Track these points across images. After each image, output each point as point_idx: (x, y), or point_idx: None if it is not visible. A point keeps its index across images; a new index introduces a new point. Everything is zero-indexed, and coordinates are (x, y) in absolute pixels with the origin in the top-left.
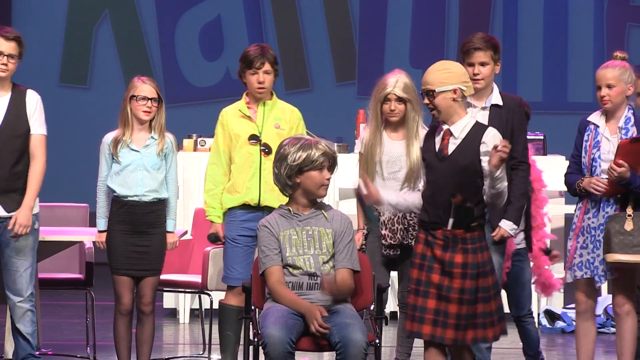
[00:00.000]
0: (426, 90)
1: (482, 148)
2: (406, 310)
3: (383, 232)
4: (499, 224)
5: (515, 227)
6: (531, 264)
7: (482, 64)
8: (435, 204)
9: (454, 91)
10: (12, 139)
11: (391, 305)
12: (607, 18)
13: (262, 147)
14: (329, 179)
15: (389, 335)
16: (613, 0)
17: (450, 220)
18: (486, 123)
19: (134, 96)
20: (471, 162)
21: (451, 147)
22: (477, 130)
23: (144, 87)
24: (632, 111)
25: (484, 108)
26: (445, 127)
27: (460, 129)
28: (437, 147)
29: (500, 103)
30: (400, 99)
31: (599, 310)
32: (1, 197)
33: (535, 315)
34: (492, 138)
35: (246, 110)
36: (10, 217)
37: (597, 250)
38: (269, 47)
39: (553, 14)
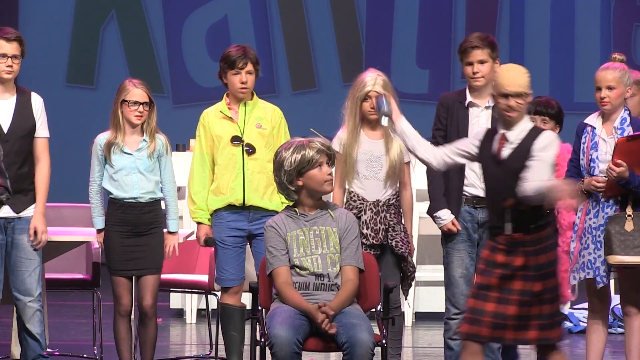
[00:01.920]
0: (520, 93)
1: (533, 154)
2: (464, 313)
3: (365, 231)
4: None
5: None
6: None
7: (481, 62)
8: (494, 209)
9: (529, 96)
10: (20, 141)
11: None
12: (613, 18)
13: (245, 148)
14: (330, 174)
15: None
16: (620, 1)
17: (508, 225)
18: (489, 123)
19: (126, 101)
20: (524, 166)
21: (506, 152)
22: (532, 134)
23: (136, 92)
24: (628, 112)
25: (487, 107)
26: (501, 131)
27: (516, 133)
28: (493, 151)
29: None
30: None
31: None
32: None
33: None
34: (541, 144)
35: (227, 111)
36: (17, 218)
37: (598, 251)
38: (250, 47)
39: (560, 13)
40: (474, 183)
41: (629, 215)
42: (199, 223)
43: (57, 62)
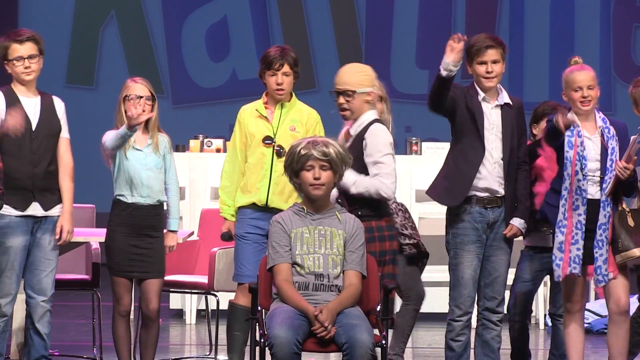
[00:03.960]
0: (343, 90)
1: (365, 147)
2: None
3: (406, 232)
4: (511, 221)
5: (526, 225)
6: None
7: (495, 62)
8: None
9: (369, 94)
10: (48, 139)
11: None
12: (613, 19)
13: (276, 149)
14: (317, 179)
15: None
16: (620, 1)
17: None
18: (500, 120)
19: (127, 96)
20: (357, 158)
21: (347, 145)
22: (366, 127)
23: (136, 87)
24: (600, 112)
25: (497, 106)
26: (346, 127)
27: (356, 127)
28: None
29: (511, 102)
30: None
31: (606, 311)
32: (39, 195)
33: (541, 316)
34: (370, 136)
35: (263, 111)
36: (45, 217)
37: (600, 250)
38: (290, 49)
39: (559, 14)
40: (487, 177)
41: (628, 212)
42: (224, 218)
43: (56, 63)
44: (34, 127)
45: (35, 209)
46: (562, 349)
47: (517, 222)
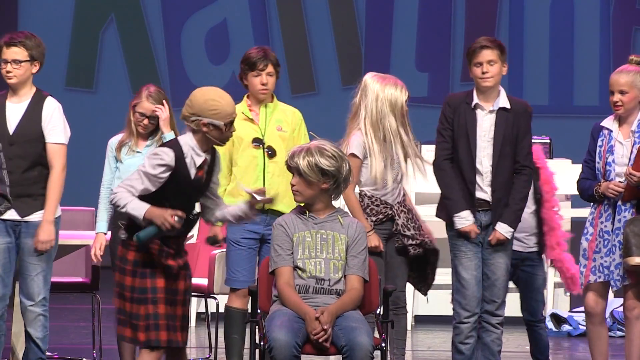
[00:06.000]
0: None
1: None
2: (133, 320)
3: (408, 232)
4: (495, 227)
5: (512, 230)
6: (546, 267)
7: (490, 63)
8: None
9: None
10: (26, 145)
11: None
12: (613, 22)
13: (266, 150)
14: (293, 185)
15: None
16: (619, 4)
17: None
18: (493, 126)
19: (135, 109)
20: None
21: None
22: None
23: (144, 104)
24: None
25: (491, 111)
26: (204, 156)
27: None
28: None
29: (508, 106)
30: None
31: (606, 314)
32: (15, 201)
33: None
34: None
35: (248, 113)
36: (25, 222)
37: (613, 255)
38: (271, 49)
39: (559, 17)
40: (478, 187)
41: None
42: None
43: (56, 66)
44: (11, 133)
45: (11, 215)
46: (546, 353)
47: (501, 228)
